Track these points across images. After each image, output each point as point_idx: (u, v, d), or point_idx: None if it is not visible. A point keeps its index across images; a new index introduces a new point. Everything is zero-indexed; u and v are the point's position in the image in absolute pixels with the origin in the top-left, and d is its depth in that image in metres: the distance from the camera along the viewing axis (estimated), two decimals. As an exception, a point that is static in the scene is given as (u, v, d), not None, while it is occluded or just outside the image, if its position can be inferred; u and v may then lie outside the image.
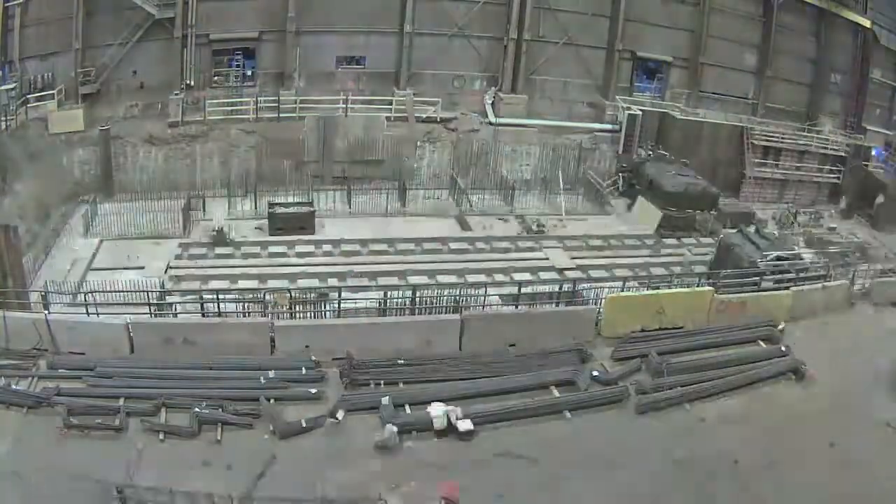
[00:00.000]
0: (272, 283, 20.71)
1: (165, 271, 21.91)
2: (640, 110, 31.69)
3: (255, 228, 25.27)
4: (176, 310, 17.53)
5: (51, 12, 28.35)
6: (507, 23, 32.35)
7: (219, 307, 17.32)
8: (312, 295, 18.65)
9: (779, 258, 21.10)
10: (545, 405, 15.25)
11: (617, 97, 33.01)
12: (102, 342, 15.54)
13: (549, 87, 33.74)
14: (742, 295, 19.38)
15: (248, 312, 17.63)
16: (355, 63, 32.10)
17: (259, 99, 30.00)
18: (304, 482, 12.65)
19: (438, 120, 31.36)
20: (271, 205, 25.41)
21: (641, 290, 19.47)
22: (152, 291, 18.18)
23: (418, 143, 30.40)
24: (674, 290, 19.41)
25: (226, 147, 28.69)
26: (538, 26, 32.68)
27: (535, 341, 17.05)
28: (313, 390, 15.03)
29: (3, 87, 26.77)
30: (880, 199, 30.46)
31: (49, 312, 16.03)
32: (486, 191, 29.56)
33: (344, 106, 30.26)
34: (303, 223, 24.90)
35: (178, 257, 23.06)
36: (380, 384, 15.40)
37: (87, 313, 16.21)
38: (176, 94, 29.33)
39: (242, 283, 20.66)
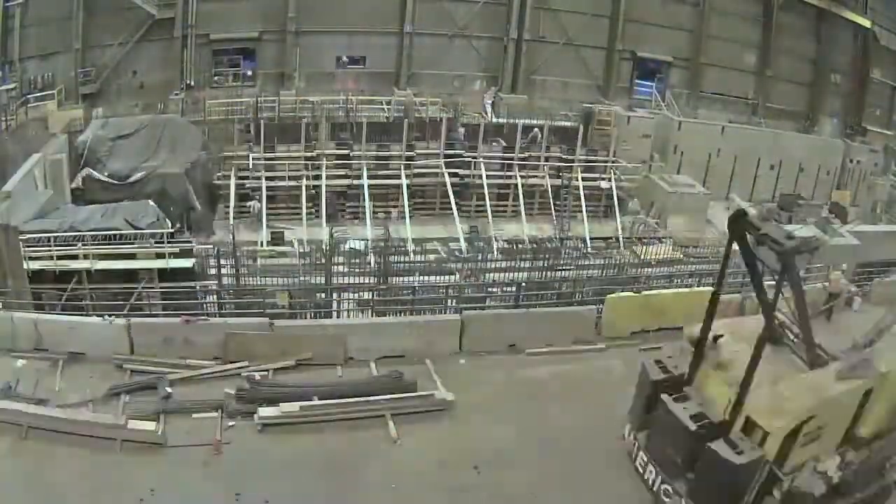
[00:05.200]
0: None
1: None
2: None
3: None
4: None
5: (51, 12, 28.41)
6: (507, 23, 32.40)
7: (219, 307, 17.33)
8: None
9: None
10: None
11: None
12: (103, 342, 15.53)
13: (549, 87, 33.78)
14: (741, 295, 19.34)
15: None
16: (355, 63, 32.13)
17: (259, 99, 30.02)
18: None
19: (439, 120, 31.33)
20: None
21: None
22: (151, 289, 18.16)
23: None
24: (674, 291, 19.38)
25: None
26: (538, 26, 32.74)
27: (536, 341, 17.05)
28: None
29: (3, 87, 26.82)
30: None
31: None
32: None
33: (345, 106, 30.29)
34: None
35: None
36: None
37: (87, 313, 16.21)
38: (176, 94, 29.35)
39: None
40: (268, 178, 26.24)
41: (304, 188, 26.38)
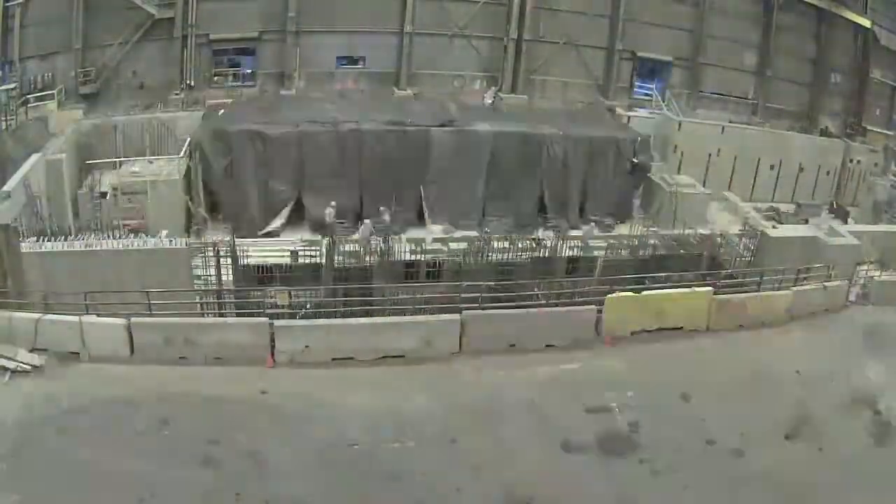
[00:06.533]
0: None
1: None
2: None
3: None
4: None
5: (51, 12, 28.41)
6: (507, 23, 32.38)
7: (220, 307, 17.35)
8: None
9: None
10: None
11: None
12: (103, 342, 15.54)
13: (549, 87, 33.78)
14: (742, 295, 19.38)
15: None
16: (355, 63, 32.14)
17: (259, 99, 30.05)
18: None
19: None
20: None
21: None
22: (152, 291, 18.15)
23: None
24: (673, 291, 19.38)
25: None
26: (538, 26, 32.71)
27: (536, 341, 17.06)
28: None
29: (3, 87, 26.80)
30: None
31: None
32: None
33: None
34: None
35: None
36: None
37: (87, 312, 16.21)
38: (176, 94, 29.36)
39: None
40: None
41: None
